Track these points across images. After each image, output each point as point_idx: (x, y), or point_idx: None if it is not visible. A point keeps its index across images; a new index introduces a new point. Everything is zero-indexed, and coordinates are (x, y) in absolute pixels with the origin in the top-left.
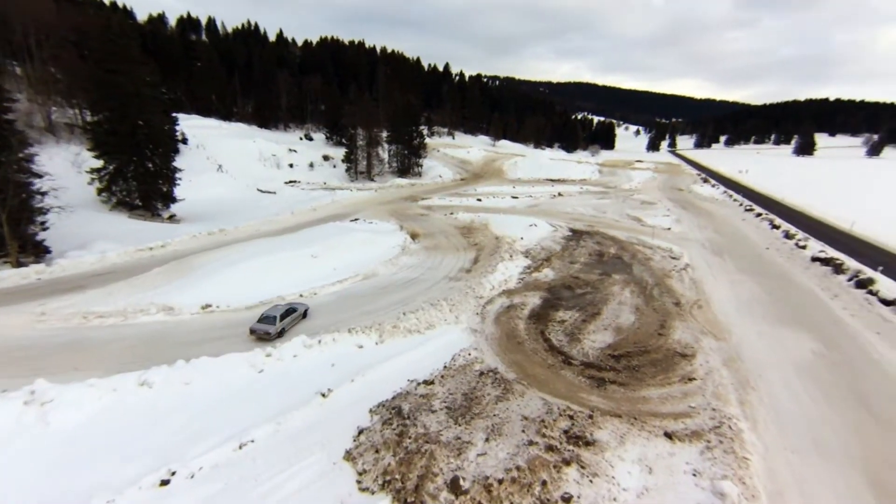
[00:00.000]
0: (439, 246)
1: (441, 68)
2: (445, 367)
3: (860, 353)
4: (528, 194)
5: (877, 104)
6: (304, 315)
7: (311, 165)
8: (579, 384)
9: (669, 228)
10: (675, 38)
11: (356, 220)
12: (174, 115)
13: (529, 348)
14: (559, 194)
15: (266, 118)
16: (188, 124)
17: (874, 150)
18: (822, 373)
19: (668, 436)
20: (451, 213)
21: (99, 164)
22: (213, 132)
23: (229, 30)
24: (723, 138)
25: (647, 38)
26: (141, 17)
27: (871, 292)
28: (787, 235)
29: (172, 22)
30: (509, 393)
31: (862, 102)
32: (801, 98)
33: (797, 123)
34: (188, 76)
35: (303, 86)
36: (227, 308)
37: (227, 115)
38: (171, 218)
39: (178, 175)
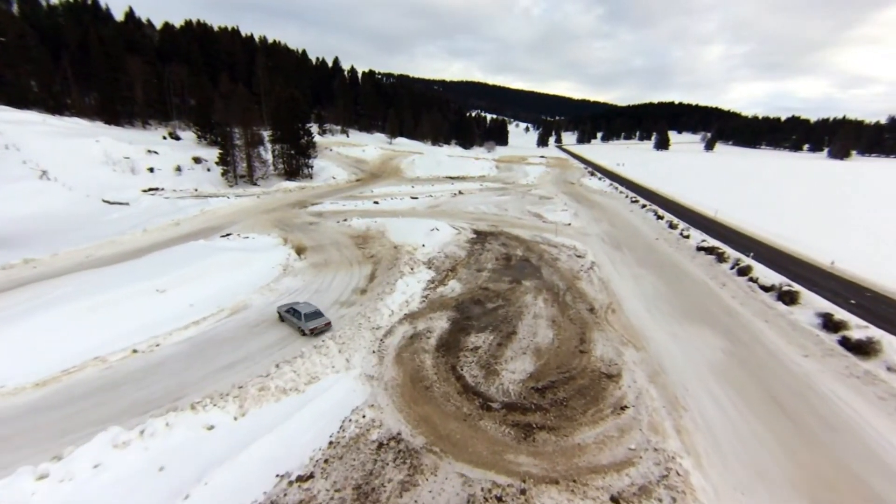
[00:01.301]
0: (330, 261)
1: (330, 63)
2: (331, 443)
3: (759, 345)
4: (428, 193)
5: (707, 108)
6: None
7: (179, 169)
8: (503, 439)
9: (570, 224)
10: (550, 44)
11: (228, 235)
12: None
13: (440, 393)
14: (460, 192)
15: (115, 113)
16: None
17: (709, 146)
18: (737, 374)
19: (615, 501)
20: (345, 220)
21: None
22: (33, 129)
23: (54, 2)
24: (599, 134)
25: (527, 43)
26: None
27: (751, 279)
28: (671, 226)
29: None
30: (417, 473)
31: (697, 106)
32: (655, 101)
33: (654, 122)
34: None
35: (164, 76)
36: (0, 390)
37: (56, 108)
38: None
39: None
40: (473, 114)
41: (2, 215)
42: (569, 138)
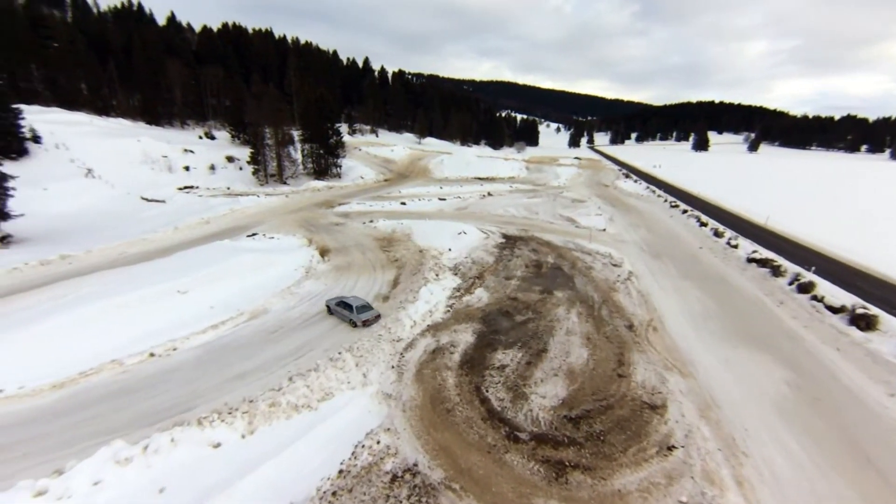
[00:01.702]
0: (353, 264)
1: (361, 63)
2: (342, 472)
3: (832, 379)
4: (456, 195)
5: (750, 107)
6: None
7: (212, 168)
8: (532, 478)
9: (604, 229)
10: (581, 42)
11: (254, 234)
12: (15, 106)
13: (462, 418)
14: (489, 194)
15: (156, 114)
16: (47, 119)
17: (753, 147)
18: (808, 414)
19: None
20: (371, 221)
21: None
22: (81, 129)
23: (104, 8)
24: (633, 135)
25: (556, 42)
26: None
27: (815, 298)
28: (717, 233)
29: None
30: None
31: (738, 105)
32: (693, 100)
33: (692, 122)
34: (43, 61)
35: (201, 77)
36: (18, 392)
37: (103, 110)
38: (4, 239)
39: (9, 185)
40: (503, 114)
41: (50, 212)
42: (601, 139)
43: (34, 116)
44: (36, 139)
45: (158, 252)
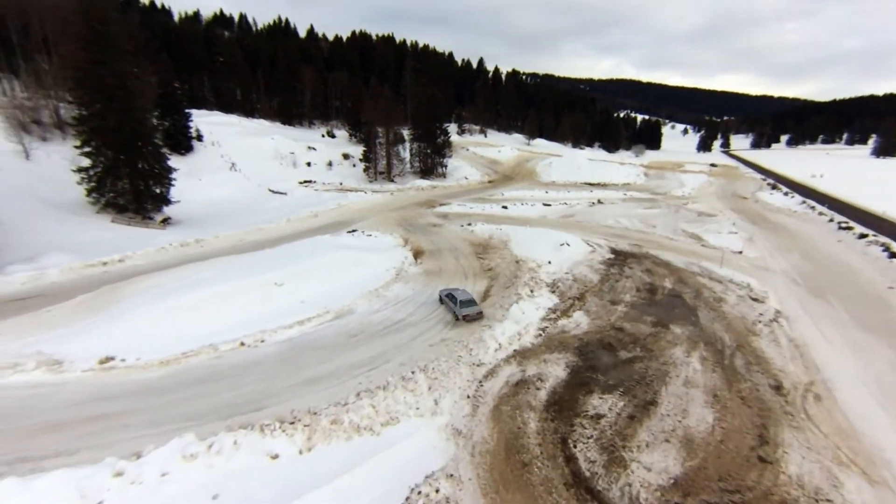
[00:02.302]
0: (444, 270)
1: (475, 64)
2: None
3: None
4: (563, 200)
5: None
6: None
7: (330, 164)
8: None
9: (741, 251)
10: (721, 31)
11: (354, 231)
12: (187, 111)
13: (540, 478)
14: (598, 201)
15: (290, 115)
16: (208, 121)
17: None
18: None
19: None
20: (469, 225)
21: (87, 162)
22: (231, 129)
23: (261, 26)
24: (784, 138)
25: (691, 32)
26: (178, 15)
27: None
28: None
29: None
30: None
31: None
32: (879, 92)
33: (875, 120)
34: (211, 72)
35: (328, 82)
36: (135, 363)
37: (250, 112)
38: (165, 222)
39: (172, 175)
40: (621, 114)
41: (202, 199)
42: (740, 142)
43: (199, 119)
44: (199, 138)
45: (270, 242)
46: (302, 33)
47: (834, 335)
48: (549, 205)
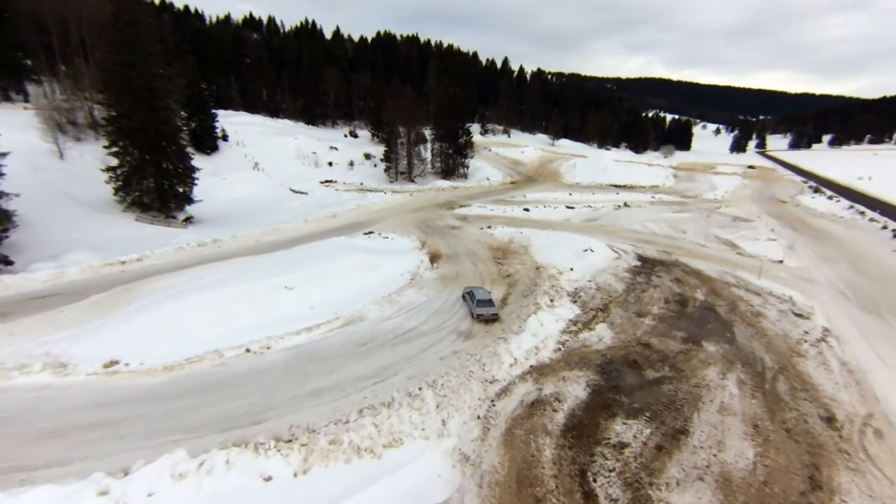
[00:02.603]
0: (461, 275)
1: (499, 64)
2: None
3: None
4: (587, 203)
5: None
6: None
7: (351, 164)
8: None
9: (781, 261)
10: (764, 25)
11: (370, 233)
12: (214, 111)
13: None
14: (625, 204)
15: (314, 115)
16: (234, 121)
17: None
18: None
19: None
20: (488, 227)
21: (115, 162)
22: (256, 129)
23: (288, 28)
24: (826, 138)
25: (728, 28)
26: (209, 20)
27: None
28: None
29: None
30: None
31: None
32: None
33: None
34: (238, 73)
35: (352, 82)
36: (139, 368)
37: (274, 112)
38: (187, 220)
39: (195, 175)
40: (650, 114)
41: (225, 197)
42: (777, 142)
43: (225, 119)
44: (224, 137)
45: (286, 242)
46: (328, 35)
47: (890, 357)
48: (573, 207)
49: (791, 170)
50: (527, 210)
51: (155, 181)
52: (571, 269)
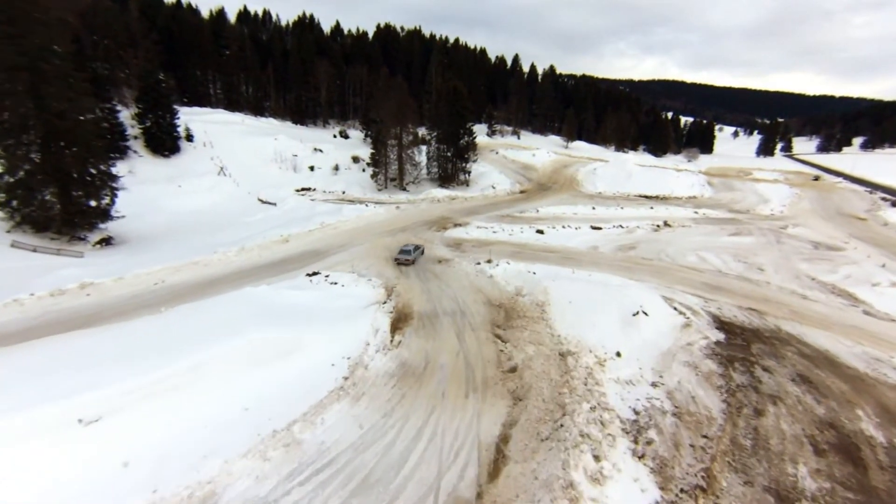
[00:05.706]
0: (432, 365)
1: (510, 61)
2: None
3: None
4: (616, 221)
5: None
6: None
7: (336, 169)
8: None
9: None
10: (784, 25)
11: (315, 274)
12: (176, 107)
13: None
14: (665, 223)
15: (303, 113)
16: (208, 119)
17: None
18: None
19: None
20: (488, 262)
21: None
22: (233, 129)
23: (284, 24)
24: (857, 140)
25: (747, 28)
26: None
27: None
28: None
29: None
30: None
31: None
32: None
33: None
34: (218, 67)
35: (346, 77)
36: None
37: (259, 110)
38: (104, 242)
39: (116, 183)
40: (667, 115)
41: (177, 209)
42: (802, 145)
43: (198, 117)
44: (189, 137)
45: (193, 287)
46: (326, 29)
47: None
48: (600, 228)
49: (838, 176)
50: (540, 232)
51: (60, 193)
52: (618, 355)
